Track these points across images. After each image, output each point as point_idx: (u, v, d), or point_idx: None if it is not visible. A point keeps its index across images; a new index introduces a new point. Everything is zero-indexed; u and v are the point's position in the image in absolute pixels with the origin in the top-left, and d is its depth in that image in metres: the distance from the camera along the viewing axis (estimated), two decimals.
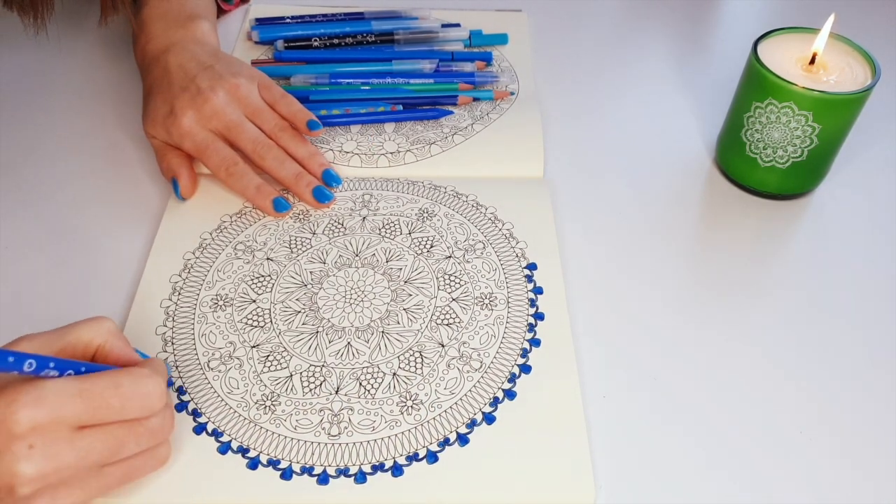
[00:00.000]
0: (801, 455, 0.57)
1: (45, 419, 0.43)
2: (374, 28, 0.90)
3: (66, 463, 0.44)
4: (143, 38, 0.77)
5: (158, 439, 0.50)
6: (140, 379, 0.48)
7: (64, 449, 0.44)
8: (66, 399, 0.44)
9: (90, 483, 0.47)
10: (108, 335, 0.51)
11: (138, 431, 0.48)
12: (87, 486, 0.47)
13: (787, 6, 1.04)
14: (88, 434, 0.45)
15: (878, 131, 0.84)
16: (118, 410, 0.46)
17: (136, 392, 0.47)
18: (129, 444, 0.48)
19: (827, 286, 0.69)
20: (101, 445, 0.46)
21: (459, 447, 0.55)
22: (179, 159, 0.72)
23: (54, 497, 0.45)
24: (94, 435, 0.46)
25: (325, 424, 0.56)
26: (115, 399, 0.46)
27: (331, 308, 0.64)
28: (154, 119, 0.72)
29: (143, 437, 0.49)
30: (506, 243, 0.69)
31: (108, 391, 0.46)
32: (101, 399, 0.45)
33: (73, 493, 0.46)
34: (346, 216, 0.71)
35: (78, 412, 0.45)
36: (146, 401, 0.48)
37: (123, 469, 0.49)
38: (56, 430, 0.44)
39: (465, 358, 0.61)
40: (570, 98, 0.87)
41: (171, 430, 0.52)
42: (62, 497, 0.45)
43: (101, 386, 0.46)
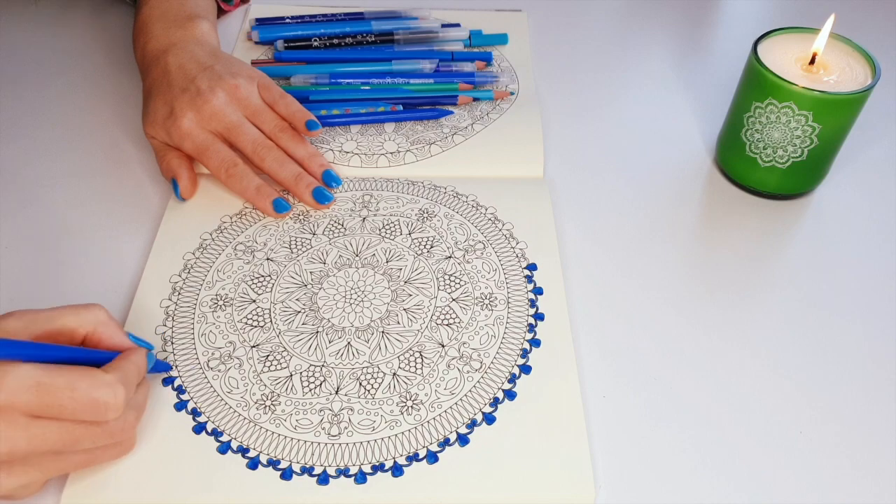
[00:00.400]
0: (800, 455, 0.57)
1: (1, 402, 0.44)
2: (374, 28, 0.90)
3: (18, 447, 0.45)
4: (142, 38, 0.77)
5: (116, 439, 0.51)
6: (97, 387, 0.48)
7: (17, 433, 0.45)
8: (22, 388, 0.45)
9: (47, 465, 0.48)
10: (95, 324, 0.52)
11: (94, 431, 0.49)
12: (44, 467, 0.48)
13: (787, 6, 1.04)
14: (43, 424, 0.46)
15: (878, 131, 0.84)
16: (70, 411, 0.47)
17: (89, 398, 0.47)
18: (83, 441, 0.48)
19: (827, 286, 0.69)
20: (55, 437, 0.47)
21: (459, 447, 0.55)
22: (179, 160, 0.72)
23: (10, 473, 0.46)
24: (48, 426, 0.46)
25: (325, 424, 0.56)
26: (67, 401, 0.46)
27: (331, 308, 0.64)
28: (154, 120, 0.72)
29: (99, 437, 0.49)
30: (506, 243, 0.69)
31: (63, 392, 0.46)
32: (54, 397, 0.46)
33: (28, 472, 0.47)
34: (346, 217, 0.71)
35: (30, 403, 0.45)
36: (98, 409, 0.48)
37: (81, 457, 0.50)
38: (11, 415, 0.45)
39: (465, 358, 0.61)
40: (570, 98, 0.87)
41: (132, 430, 0.53)
42: (17, 474, 0.47)
43: (58, 384, 0.46)
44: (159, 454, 0.54)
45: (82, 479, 0.53)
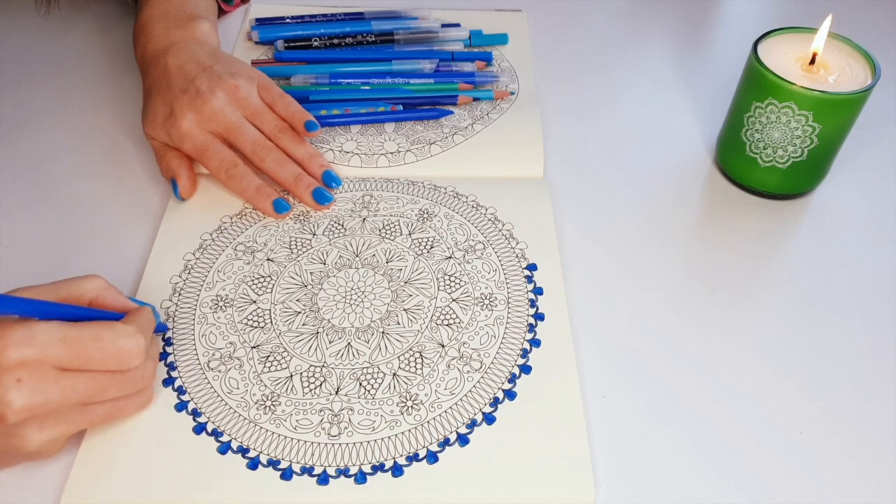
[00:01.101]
0: (800, 455, 0.57)
1: (32, 357, 0.47)
2: (374, 28, 0.90)
3: (50, 399, 0.48)
4: (143, 38, 0.77)
5: (139, 387, 0.54)
6: (120, 336, 0.51)
7: (49, 386, 0.48)
8: (51, 342, 0.48)
9: (75, 417, 0.50)
10: (98, 290, 0.55)
11: (119, 379, 0.52)
12: (72, 420, 0.50)
13: (787, 6, 1.04)
14: (72, 376, 0.49)
15: (878, 131, 0.84)
16: (97, 361, 0.50)
17: (114, 347, 0.50)
18: (110, 390, 0.51)
19: (827, 286, 0.69)
20: (83, 387, 0.49)
21: (459, 447, 0.55)
22: (179, 160, 0.72)
23: (41, 427, 0.49)
24: (77, 377, 0.49)
25: (325, 424, 0.56)
26: (94, 351, 0.49)
27: (331, 308, 0.64)
28: (154, 121, 0.72)
29: (124, 385, 0.52)
30: (506, 244, 0.69)
31: (90, 342, 0.49)
32: (82, 348, 0.49)
33: (58, 425, 0.49)
34: (346, 217, 0.71)
35: (61, 356, 0.48)
36: (123, 357, 0.51)
37: (107, 408, 0.53)
38: (42, 369, 0.47)
39: (465, 358, 0.61)
40: (570, 98, 0.88)
41: (151, 379, 0.56)
42: (49, 427, 0.49)
43: (83, 336, 0.49)
44: (159, 454, 0.54)
45: (82, 479, 0.53)
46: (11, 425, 0.48)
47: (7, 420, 0.47)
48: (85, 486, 0.53)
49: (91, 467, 0.53)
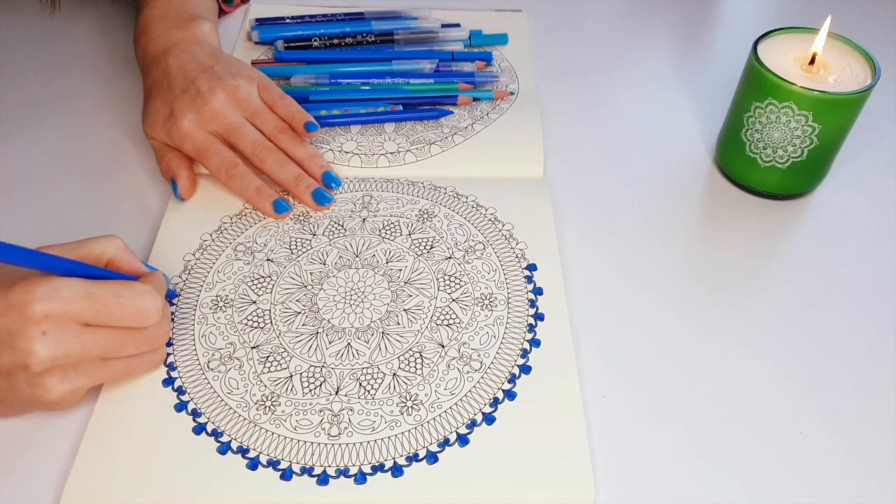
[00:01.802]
0: (800, 455, 0.57)
1: (56, 311, 0.49)
2: (374, 28, 0.90)
3: (72, 351, 0.50)
4: (143, 39, 0.77)
5: (154, 345, 0.57)
6: (139, 294, 0.54)
7: (71, 339, 0.50)
8: (74, 297, 0.50)
9: (94, 371, 0.53)
10: (116, 250, 0.58)
11: (136, 336, 0.55)
12: (92, 373, 0.53)
13: (787, 6, 1.04)
14: (93, 331, 0.52)
15: (878, 131, 0.84)
16: (117, 317, 0.53)
17: (133, 304, 0.53)
18: (128, 346, 0.54)
19: (827, 286, 0.69)
20: (104, 342, 0.52)
21: (459, 447, 0.55)
22: (179, 160, 0.72)
23: (63, 378, 0.51)
24: (97, 332, 0.52)
25: (325, 425, 0.56)
26: (115, 307, 0.52)
27: (331, 309, 0.64)
28: (154, 121, 0.72)
29: (141, 342, 0.55)
30: (506, 244, 0.69)
31: (111, 299, 0.52)
32: (103, 304, 0.52)
33: (78, 378, 0.52)
34: (346, 217, 0.71)
35: (83, 311, 0.51)
36: (142, 314, 0.54)
37: (124, 364, 0.55)
38: (65, 323, 0.50)
39: (465, 358, 0.61)
40: (570, 98, 0.88)
41: (166, 338, 0.59)
42: (70, 379, 0.52)
43: (105, 293, 0.52)
44: (159, 455, 0.54)
45: (82, 479, 0.53)
46: (35, 374, 0.50)
47: (31, 369, 0.50)
48: (85, 485, 0.53)
49: (91, 467, 0.53)
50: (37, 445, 0.56)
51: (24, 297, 0.49)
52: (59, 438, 0.56)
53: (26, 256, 0.50)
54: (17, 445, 0.56)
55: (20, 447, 0.56)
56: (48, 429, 0.57)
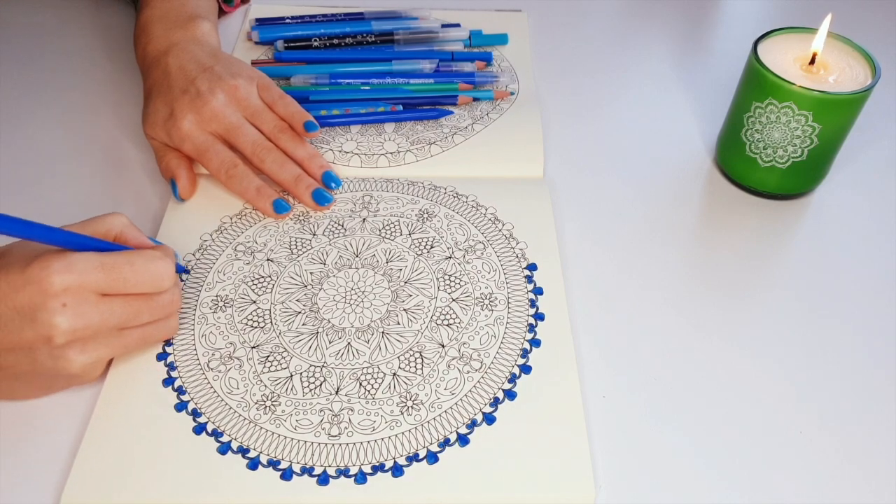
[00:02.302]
0: (800, 455, 0.57)
1: (74, 283, 0.51)
2: (374, 28, 0.90)
3: (92, 321, 0.52)
4: (143, 39, 0.77)
5: (168, 312, 0.58)
6: (151, 260, 0.55)
7: (90, 310, 0.52)
8: (89, 268, 0.52)
9: (113, 341, 0.55)
10: (122, 226, 0.58)
11: (151, 304, 0.56)
12: (110, 343, 0.54)
13: (787, 6, 1.04)
14: (110, 300, 0.53)
15: (878, 131, 0.84)
16: (133, 284, 0.54)
17: (147, 270, 0.55)
18: (143, 314, 0.56)
19: (827, 286, 0.69)
20: (121, 311, 0.54)
21: (460, 447, 0.55)
22: (178, 160, 0.72)
23: (83, 349, 0.53)
24: (114, 301, 0.53)
25: (325, 425, 0.56)
26: (129, 274, 0.54)
27: (331, 309, 0.64)
28: (154, 121, 0.72)
29: (156, 309, 0.57)
30: (506, 244, 0.69)
31: (124, 267, 0.54)
32: (118, 272, 0.53)
33: (98, 348, 0.54)
34: (346, 217, 0.71)
35: (100, 280, 0.52)
36: (156, 278, 0.55)
37: (140, 333, 0.57)
38: (83, 294, 0.51)
39: (465, 358, 0.61)
40: (570, 98, 0.87)
41: (178, 305, 0.60)
42: (90, 350, 0.53)
43: (118, 261, 0.54)
44: (159, 455, 0.54)
45: (82, 479, 0.53)
46: (57, 347, 0.51)
47: (54, 341, 0.51)
48: (85, 486, 0.53)
49: (91, 467, 0.53)
50: (36, 445, 0.56)
51: (41, 272, 0.50)
52: (58, 438, 0.56)
53: (41, 232, 0.51)
54: (16, 445, 0.56)
55: (20, 447, 0.56)
56: (48, 429, 0.57)
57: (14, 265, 0.51)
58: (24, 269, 0.51)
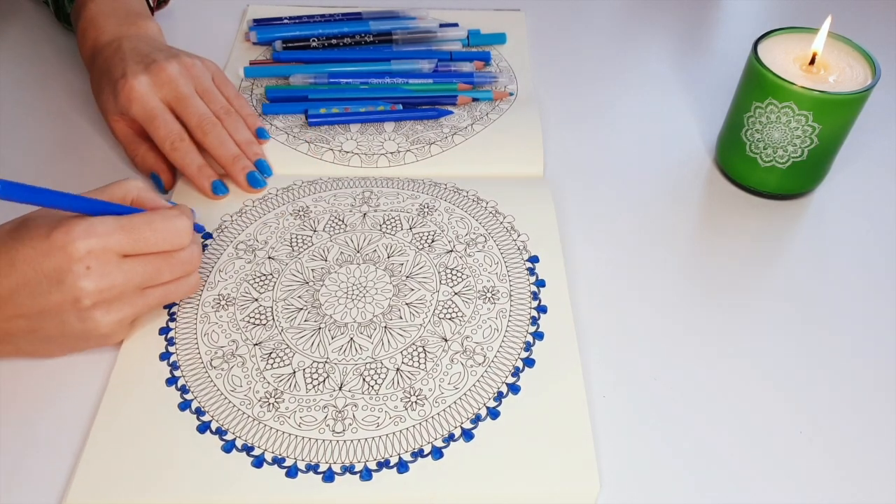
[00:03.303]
0: (800, 455, 0.57)
1: (97, 246, 0.53)
2: (373, 28, 0.90)
3: (116, 282, 0.55)
4: (93, 32, 0.78)
5: (188, 269, 0.60)
6: (170, 218, 0.57)
7: (113, 271, 0.54)
8: (110, 231, 0.54)
9: (136, 300, 0.57)
10: (139, 190, 0.60)
11: (171, 261, 0.58)
12: (134, 302, 0.57)
13: (787, 6, 1.04)
14: (132, 260, 0.56)
15: (878, 131, 0.84)
16: (153, 243, 0.56)
17: (166, 228, 0.57)
18: (164, 272, 0.58)
19: (827, 286, 0.69)
20: (143, 270, 0.56)
21: (464, 443, 0.55)
22: (153, 152, 0.73)
23: (109, 310, 0.55)
24: (136, 261, 0.56)
25: (329, 421, 0.56)
26: (149, 233, 0.56)
27: (333, 304, 0.64)
28: (102, 87, 0.73)
29: (176, 266, 0.59)
30: (507, 236, 0.69)
31: (144, 226, 0.56)
32: (138, 232, 0.55)
33: (123, 308, 0.56)
34: (346, 213, 0.71)
35: (121, 242, 0.55)
36: (175, 236, 0.57)
37: (161, 291, 0.59)
38: (106, 256, 0.54)
39: (468, 352, 0.60)
40: (569, 98, 0.88)
41: (198, 263, 0.61)
42: (115, 310, 0.56)
43: (137, 222, 0.56)
44: (164, 454, 0.54)
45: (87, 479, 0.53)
46: (85, 309, 0.54)
47: (81, 303, 0.54)
48: (89, 485, 0.52)
49: (96, 467, 0.53)
50: (41, 446, 0.55)
51: (65, 237, 0.53)
52: (63, 439, 0.56)
53: (62, 199, 0.54)
54: (21, 445, 0.55)
55: (24, 446, 0.55)
56: (52, 429, 0.56)
57: (38, 232, 0.53)
58: (49, 236, 0.53)
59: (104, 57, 0.75)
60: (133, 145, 0.74)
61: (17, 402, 0.58)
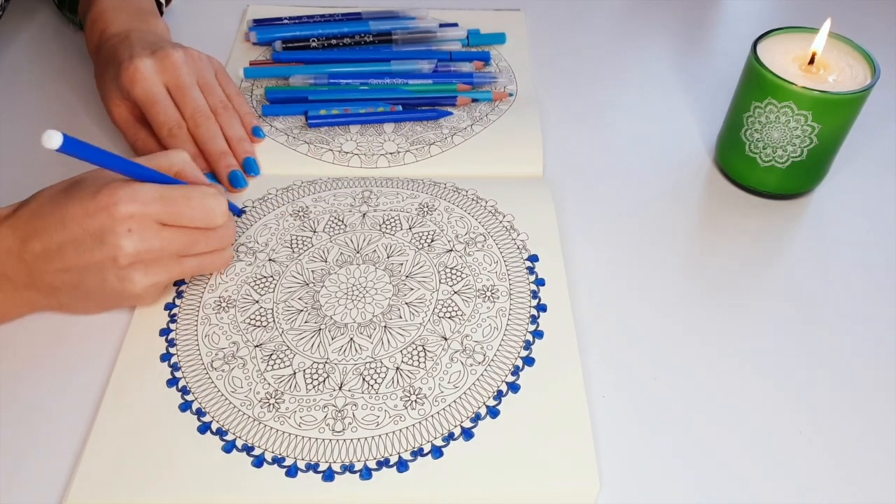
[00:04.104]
0: (800, 454, 0.57)
1: (138, 211, 0.56)
2: (372, 28, 0.90)
3: (153, 246, 0.57)
4: (101, 24, 0.78)
5: (223, 244, 0.63)
6: (207, 196, 0.60)
7: (152, 235, 0.57)
8: (152, 199, 0.57)
9: (172, 267, 0.60)
10: (184, 163, 0.63)
11: (207, 235, 0.61)
12: (170, 268, 0.60)
13: (786, 6, 1.04)
14: (169, 230, 0.58)
15: (878, 131, 0.84)
16: (188, 217, 0.59)
17: (202, 205, 0.59)
18: (200, 244, 0.61)
19: (827, 286, 0.69)
20: (180, 239, 0.59)
21: (464, 441, 0.55)
22: (154, 139, 0.74)
23: (146, 272, 0.58)
24: (173, 230, 0.59)
25: (329, 421, 0.56)
26: (185, 208, 0.59)
27: (333, 305, 0.64)
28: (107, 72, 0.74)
29: (212, 239, 0.62)
30: (507, 235, 0.69)
31: (181, 200, 0.58)
32: (176, 205, 0.58)
33: (159, 272, 0.59)
34: (346, 213, 0.71)
35: (160, 211, 0.57)
36: (209, 214, 0.60)
37: (197, 262, 0.62)
38: (146, 221, 0.57)
39: (468, 351, 0.60)
40: (568, 98, 0.88)
41: (232, 239, 0.65)
42: (152, 272, 0.59)
43: (176, 195, 0.58)
44: (164, 454, 0.54)
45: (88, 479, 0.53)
46: (123, 268, 0.57)
47: (119, 263, 0.57)
48: (90, 486, 0.52)
49: (97, 467, 0.53)
50: (41, 446, 0.55)
51: (110, 199, 0.56)
52: (63, 438, 0.56)
53: (114, 161, 0.57)
54: (21, 446, 0.55)
55: (25, 448, 0.55)
56: (52, 429, 0.56)
57: (87, 192, 0.56)
58: (95, 196, 0.56)
59: (111, 45, 0.75)
60: (132, 130, 0.75)
61: (17, 402, 0.58)
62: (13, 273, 0.58)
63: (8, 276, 0.58)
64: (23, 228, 0.57)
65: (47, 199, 0.58)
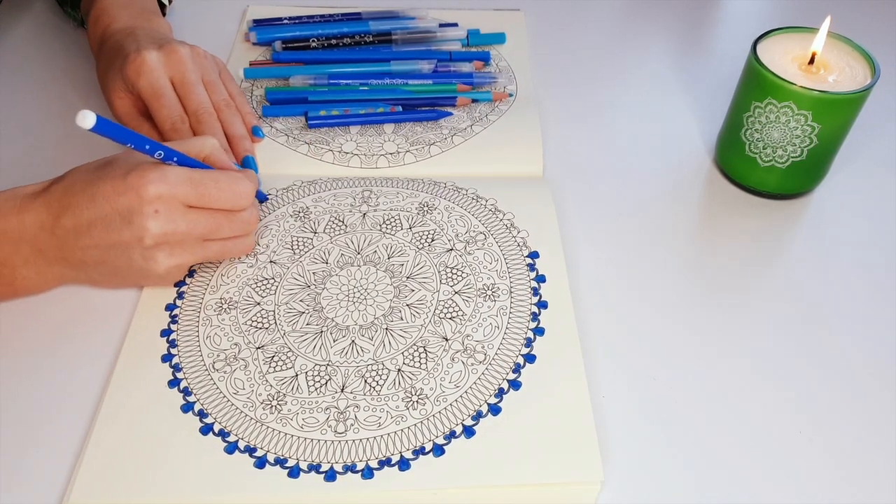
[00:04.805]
0: (800, 454, 0.57)
1: (166, 193, 0.58)
2: (372, 28, 0.90)
3: (179, 228, 0.59)
4: (105, 20, 0.79)
5: (246, 229, 0.65)
6: (235, 180, 0.62)
7: (178, 218, 0.59)
8: (180, 181, 0.59)
9: (196, 249, 0.62)
10: (213, 149, 0.65)
11: (232, 219, 0.63)
12: (194, 251, 0.61)
13: (786, 6, 1.04)
14: (195, 212, 0.60)
15: (878, 131, 0.85)
16: (216, 200, 0.60)
17: (230, 188, 0.61)
18: (224, 228, 0.62)
19: (826, 286, 0.69)
20: (205, 222, 0.61)
21: (466, 439, 0.55)
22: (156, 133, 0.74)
23: (171, 253, 0.60)
24: (199, 213, 0.60)
25: (331, 422, 0.56)
26: (213, 190, 0.60)
27: (334, 307, 0.64)
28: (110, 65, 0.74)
29: (236, 224, 0.63)
30: (507, 233, 0.69)
31: (210, 183, 0.60)
32: (204, 187, 0.60)
33: (183, 254, 0.61)
34: (346, 213, 0.71)
35: (188, 193, 0.59)
36: (237, 197, 0.62)
37: (220, 246, 0.64)
38: (173, 203, 0.58)
39: (469, 351, 0.61)
40: (568, 98, 0.88)
41: (256, 225, 0.66)
42: (176, 254, 0.60)
43: (205, 178, 0.60)
44: (167, 456, 0.54)
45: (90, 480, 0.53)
46: (148, 248, 0.59)
47: (144, 242, 0.58)
48: (92, 486, 0.52)
49: (98, 467, 0.53)
50: (42, 447, 0.56)
51: (139, 180, 0.57)
52: (63, 438, 0.56)
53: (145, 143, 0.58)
54: (21, 446, 0.56)
55: (25, 448, 0.55)
56: (53, 430, 0.56)
57: (118, 171, 0.58)
58: (126, 176, 0.57)
59: (115, 39, 0.76)
60: (134, 123, 0.75)
61: (17, 402, 0.58)
62: (45, 247, 0.60)
63: (41, 251, 0.60)
64: (55, 205, 0.59)
65: (80, 177, 0.59)
